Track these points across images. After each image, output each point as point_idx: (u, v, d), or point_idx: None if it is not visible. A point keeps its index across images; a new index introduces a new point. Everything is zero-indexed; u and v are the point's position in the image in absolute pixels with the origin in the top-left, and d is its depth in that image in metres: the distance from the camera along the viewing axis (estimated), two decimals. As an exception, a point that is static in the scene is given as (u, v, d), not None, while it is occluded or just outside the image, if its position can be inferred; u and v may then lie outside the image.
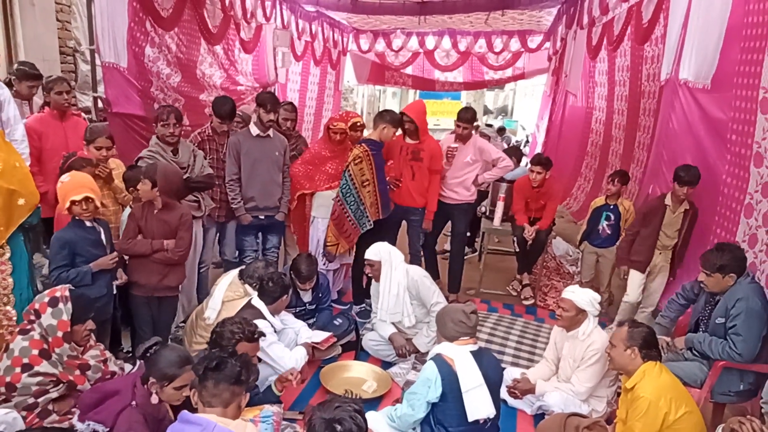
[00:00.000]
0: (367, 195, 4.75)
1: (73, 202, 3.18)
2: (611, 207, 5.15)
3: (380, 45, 12.16)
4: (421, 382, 2.89)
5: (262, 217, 4.78)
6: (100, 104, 5.24)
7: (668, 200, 4.26)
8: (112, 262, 3.40)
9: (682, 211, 4.24)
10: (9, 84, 4.48)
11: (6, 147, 3.30)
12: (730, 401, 3.33)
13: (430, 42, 11.90)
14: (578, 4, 7.68)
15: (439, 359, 2.89)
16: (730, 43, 3.89)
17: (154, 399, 2.46)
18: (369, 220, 4.81)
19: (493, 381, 2.97)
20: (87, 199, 3.22)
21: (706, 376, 3.26)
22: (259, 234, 4.99)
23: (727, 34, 3.91)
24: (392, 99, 24.32)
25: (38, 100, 4.68)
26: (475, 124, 5.26)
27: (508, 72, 12.84)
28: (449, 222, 5.50)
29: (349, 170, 4.66)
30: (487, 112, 25.71)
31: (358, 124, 5.21)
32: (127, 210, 3.78)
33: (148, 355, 2.53)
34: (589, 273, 5.41)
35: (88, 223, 3.31)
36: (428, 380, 2.84)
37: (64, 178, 3.28)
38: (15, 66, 4.56)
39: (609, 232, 5.17)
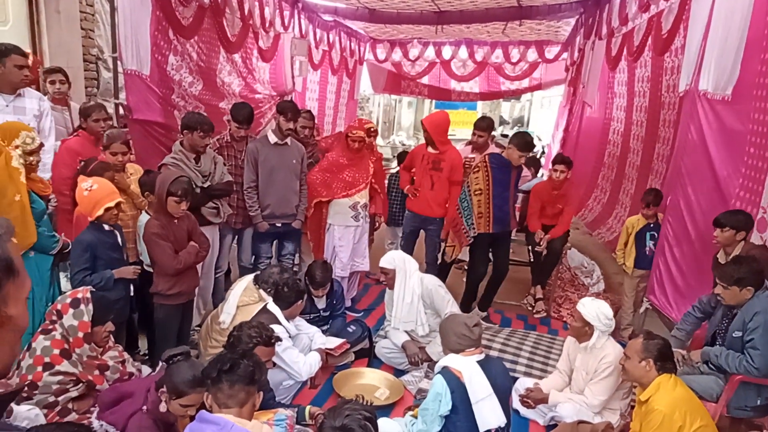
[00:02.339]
0: (476, 204, 4.88)
1: (107, 209, 3.24)
2: (651, 225, 4.96)
3: (397, 54, 12.21)
4: (431, 398, 2.89)
5: (279, 225, 4.82)
6: (121, 111, 5.33)
7: (720, 256, 3.76)
8: (136, 272, 3.48)
9: None
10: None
11: (8, 175, 3.07)
12: (747, 416, 3.29)
13: (446, 52, 11.92)
14: (597, 14, 7.67)
15: (447, 372, 2.89)
16: (750, 54, 3.86)
17: (163, 407, 2.49)
18: (473, 228, 4.94)
19: (503, 389, 2.98)
20: (117, 204, 3.32)
21: (722, 390, 3.21)
22: (275, 241, 5.04)
23: (747, 46, 3.88)
24: (408, 109, 24.32)
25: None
26: (491, 133, 5.27)
27: (525, 82, 12.83)
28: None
29: (468, 178, 4.93)
30: (503, 122, 25.64)
31: (372, 129, 5.25)
32: (144, 216, 3.81)
33: (171, 362, 2.55)
34: (632, 295, 5.13)
35: (106, 227, 3.36)
36: (438, 395, 2.85)
37: (87, 185, 3.27)
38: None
39: (654, 251, 4.91)
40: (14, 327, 0.98)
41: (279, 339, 3.05)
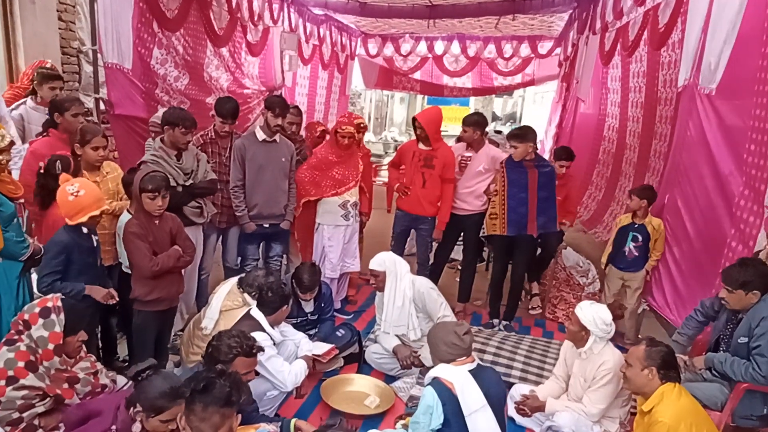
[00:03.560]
0: (491, 205, 4.81)
1: (90, 217, 3.07)
2: (636, 226, 4.62)
3: (389, 49, 12.07)
4: (422, 410, 2.76)
5: (267, 225, 4.65)
6: (102, 106, 5.14)
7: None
8: (107, 298, 3.26)
9: None
10: (33, 92, 4.35)
11: None
12: (753, 426, 3.16)
13: (438, 47, 11.79)
14: (591, 8, 7.54)
15: (437, 384, 2.75)
16: (748, 49, 3.74)
17: (137, 428, 2.30)
18: (483, 229, 5.02)
19: (496, 398, 2.85)
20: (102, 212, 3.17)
21: (726, 399, 3.08)
22: (262, 242, 4.86)
23: (745, 40, 3.76)
24: (400, 104, 24.18)
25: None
26: (481, 130, 5.09)
27: (518, 78, 12.74)
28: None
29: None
30: (495, 118, 25.55)
31: (362, 125, 5.10)
32: (125, 216, 3.61)
33: (140, 378, 2.37)
34: (612, 297, 4.90)
35: (84, 230, 3.17)
36: (429, 407, 2.71)
37: (73, 188, 3.04)
38: (36, 72, 4.41)
39: (636, 254, 4.63)
40: None
41: (261, 349, 2.88)
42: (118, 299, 3.33)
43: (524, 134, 4.65)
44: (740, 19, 3.75)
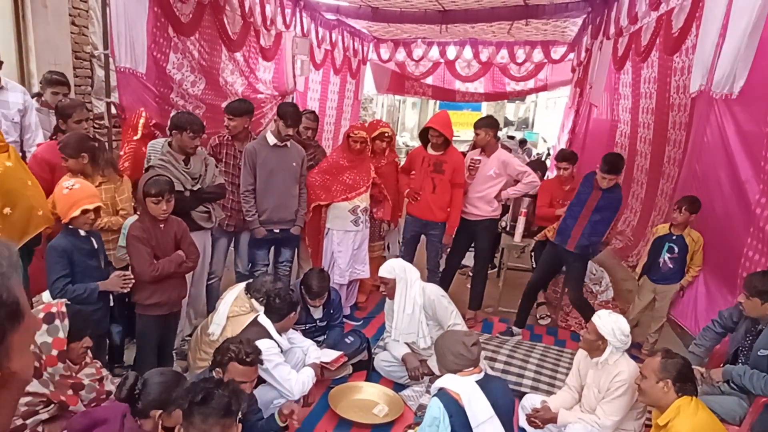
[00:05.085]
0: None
1: (84, 211, 3.05)
2: (674, 237, 4.41)
3: (401, 54, 12.03)
4: (428, 422, 2.70)
5: (277, 231, 4.61)
6: (114, 110, 5.14)
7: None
8: (121, 282, 3.24)
9: None
10: (39, 94, 4.41)
11: (21, 165, 3.17)
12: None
13: (451, 52, 11.73)
14: (605, 13, 7.47)
15: (444, 395, 2.70)
16: (764, 54, 3.66)
17: None
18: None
19: (504, 409, 2.78)
20: (97, 209, 3.12)
21: (745, 413, 3.00)
22: (272, 248, 4.83)
23: (762, 45, 3.68)
24: (412, 109, 24.18)
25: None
26: (491, 131, 5.02)
27: (530, 83, 12.64)
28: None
29: None
30: (507, 123, 25.48)
31: (386, 135, 5.04)
32: (130, 219, 3.60)
33: (137, 393, 2.33)
34: (639, 311, 4.77)
35: (81, 232, 3.15)
36: (435, 419, 2.66)
37: (69, 183, 3.08)
38: (43, 76, 4.44)
39: (671, 266, 4.44)
40: (17, 384, 0.76)
41: (259, 361, 2.81)
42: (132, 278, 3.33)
43: (617, 166, 4.56)
44: (762, 23, 3.68)
